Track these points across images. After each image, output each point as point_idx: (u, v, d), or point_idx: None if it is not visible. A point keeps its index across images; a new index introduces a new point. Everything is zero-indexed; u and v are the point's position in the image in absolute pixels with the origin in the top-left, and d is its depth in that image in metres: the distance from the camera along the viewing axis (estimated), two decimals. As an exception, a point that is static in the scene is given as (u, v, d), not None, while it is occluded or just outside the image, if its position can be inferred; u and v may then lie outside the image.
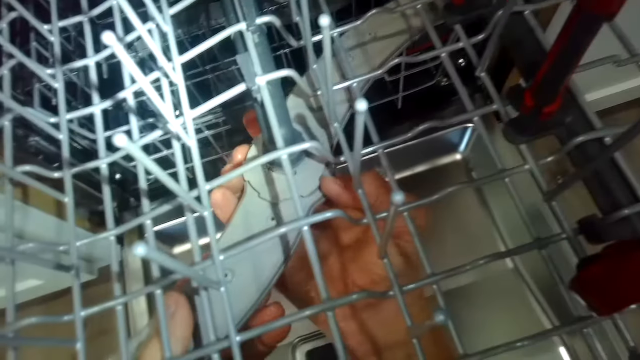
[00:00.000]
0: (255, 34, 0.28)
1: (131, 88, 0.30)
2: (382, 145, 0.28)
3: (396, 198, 0.16)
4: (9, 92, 0.30)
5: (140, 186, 0.26)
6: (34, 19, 0.32)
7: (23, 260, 0.23)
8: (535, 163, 0.26)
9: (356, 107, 0.19)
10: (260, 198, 0.30)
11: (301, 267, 0.33)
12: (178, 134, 0.26)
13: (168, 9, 0.31)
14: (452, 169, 0.68)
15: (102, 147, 0.30)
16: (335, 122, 0.29)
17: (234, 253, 0.24)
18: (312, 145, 0.25)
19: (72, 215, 0.27)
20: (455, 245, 0.63)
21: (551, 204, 0.25)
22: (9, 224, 0.25)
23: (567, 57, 0.19)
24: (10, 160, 0.28)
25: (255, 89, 0.26)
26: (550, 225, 0.58)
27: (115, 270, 0.27)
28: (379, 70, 0.30)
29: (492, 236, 0.66)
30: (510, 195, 0.27)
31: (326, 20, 0.20)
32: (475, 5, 0.29)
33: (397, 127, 0.69)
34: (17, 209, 0.50)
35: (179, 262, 0.18)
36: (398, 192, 0.16)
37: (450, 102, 0.71)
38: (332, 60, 0.29)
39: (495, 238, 0.66)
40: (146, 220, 0.26)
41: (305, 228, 0.23)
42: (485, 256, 0.24)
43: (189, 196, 0.23)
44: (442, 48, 0.30)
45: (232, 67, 0.64)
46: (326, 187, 0.30)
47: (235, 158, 0.31)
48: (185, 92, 0.28)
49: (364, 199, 0.26)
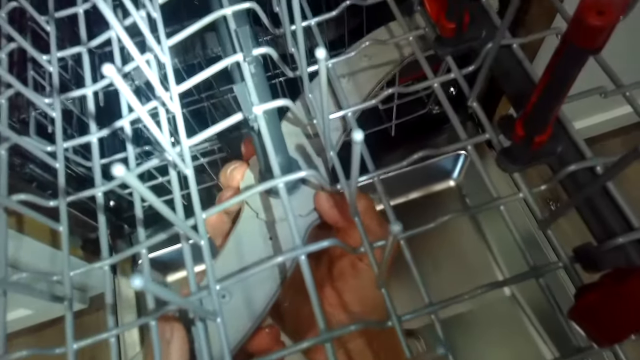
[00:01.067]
0: (252, 64, 0.29)
1: (128, 117, 0.31)
2: (378, 173, 0.28)
3: (395, 228, 0.16)
4: (6, 121, 0.30)
5: (136, 215, 0.26)
6: (33, 50, 0.32)
7: (15, 292, 0.23)
8: (529, 191, 0.26)
9: (353, 138, 0.19)
10: (258, 218, 0.30)
11: (293, 293, 0.33)
12: (175, 162, 0.26)
13: (166, 40, 0.32)
14: (446, 196, 0.69)
15: (98, 175, 0.30)
16: (331, 151, 0.29)
17: (231, 282, 0.24)
18: (309, 174, 0.25)
19: (66, 244, 0.27)
20: (451, 272, 0.63)
21: (546, 232, 0.25)
22: (2, 254, 0.25)
23: (556, 89, 0.20)
24: (5, 188, 0.27)
25: (252, 119, 0.26)
26: (545, 251, 0.59)
27: (109, 301, 0.27)
28: (374, 100, 0.31)
29: (487, 262, 0.66)
30: (505, 223, 0.27)
31: (322, 53, 0.20)
32: (465, 38, 0.30)
33: (391, 153, 0.70)
34: (10, 237, 0.50)
35: (174, 293, 0.18)
36: (396, 222, 0.16)
37: (442, 129, 0.72)
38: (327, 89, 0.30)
39: (490, 263, 0.66)
40: (141, 249, 0.26)
41: (303, 258, 0.23)
42: (483, 285, 0.24)
43: (186, 225, 0.23)
44: (434, 79, 0.31)
45: (227, 95, 0.64)
46: (318, 204, 0.30)
47: (233, 180, 0.31)
48: (182, 120, 0.29)
49: (361, 226, 0.26)
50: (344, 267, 0.33)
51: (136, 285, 0.14)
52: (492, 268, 0.66)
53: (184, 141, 0.28)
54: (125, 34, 0.22)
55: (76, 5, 0.36)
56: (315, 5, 0.34)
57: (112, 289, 0.36)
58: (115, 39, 0.34)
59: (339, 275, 0.32)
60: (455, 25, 0.28)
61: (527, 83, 0.28)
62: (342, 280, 0.32)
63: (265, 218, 0.30)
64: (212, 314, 0.23)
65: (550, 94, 0.20)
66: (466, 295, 0.24)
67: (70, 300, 0.25)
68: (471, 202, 0.69)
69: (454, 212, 0.26)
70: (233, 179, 0.31)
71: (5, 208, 0.26)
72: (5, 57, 0.33)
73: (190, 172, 0.27)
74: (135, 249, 0.26)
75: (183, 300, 0.18)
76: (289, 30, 0.32)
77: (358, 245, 0.26)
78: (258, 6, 0.32)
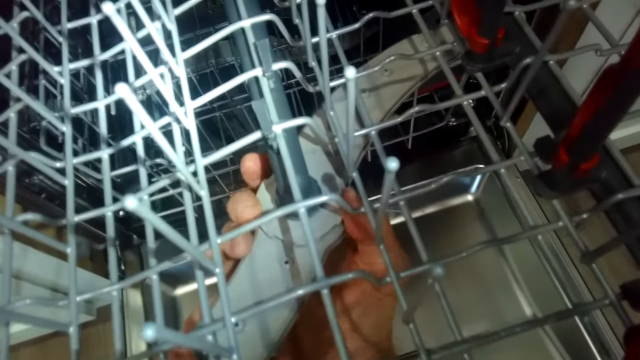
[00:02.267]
0: (271, 79, 0.28)
1: (140, 133, 0.29)
2: (404, 197, 0.26)
3: (437, 271, 0.14)
4: (14, 135, 0.29)
5: (148, 245, 0.25)
6: (44, 62, 0.31)
7: (19, 321, 0.21)
8: (570, 220, 0.24)
9: (387, 166, 0.17)
10: (273, 241, 0.28)
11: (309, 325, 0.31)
12: (189, 183, 0.24)
13: (181, 53, 0.31)
14: (464, 211, 0.67)
15: (108, 195, 0.28)
16: (354, 172, 0.28)
17: (247, 315, 0.22)
18: (332, 199, 0.24)
19: (73, 267, 0.25)
20: (470, 292, 0.61)
21: (591, 266, 0.23)
22: (7, 280, 0.24)
23: (611, 116, 0.18)
24: (12, 209, 0.26)
25: (272, 138, 0.25)
26: (563, 261, 0.57)
27: (116, 325, 0.25)
28: (400, 118, 0.29)
29: (507, 280, 0.63)
30: (539, 255, 0.25)
31: (352, 72, 0.19)
32: (498, 54, 0.28)
33: (407, 166, 0.68)
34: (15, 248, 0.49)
35: (190, 337, 0.16)
36: (437, 265, 0.15)
37: (459, 142, 0.70)
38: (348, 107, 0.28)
39: (509, 281, 0.64)
40: (152, 275, 0.25)
41: (325, 291, 0.21)
42: (522, 324, 0.22)
43: (201, 254, 0.21)
44: (464, 96, 0.29)
45: (240, 105, 0.63)
46: (346, 224, 0.29)
47: (243, 220, 0.29)
48: (197, 136, 0.27)
49: (386, 255, 0.24)
50: (360, 294, 0.31)
51: (149, 336, 0.12)
52: (511, 284, 0.63)
53: (198, 160, 0.26)
54: (140, 50, 0.21)
55: (89, 16, 0.35)
56: (330, 15, 0.33)
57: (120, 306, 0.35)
58: (129, 50, 0.33)
59: (354, 303, 0.31)
60: (488, 41, 0.26)
61: (566, 102, 0.26)
62: (358, 309, 0.30)
63: (281, 240, 0.29)
64: (227, 351, 0.21)
65: (604, 121, 0.18)
66: (503, 333, 0.22)
67: (76, 327, 0.24)
68: (489, 218, 0.66)
69: (484, 243, 0.24)
70: (243, 219, 0.28)
71: (11, 230, 0.25)
72: (15, 69, 0.32)
73: (205, 193, 0.25)
74: (145, 274, 0.25)
75: (199, 341, 0.17)
76: (310, 44, 0.30)
77: (379, 272, 0.25)
78: (278, 18, 0.30)
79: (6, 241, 0.25)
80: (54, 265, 0.53)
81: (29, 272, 0.52)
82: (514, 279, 0.63)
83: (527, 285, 0.62)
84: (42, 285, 0.55)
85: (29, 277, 0.52)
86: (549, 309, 0.60)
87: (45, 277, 0.53)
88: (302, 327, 0.32)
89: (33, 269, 0.51)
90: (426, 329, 0.24)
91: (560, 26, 0.21)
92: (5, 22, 0.30)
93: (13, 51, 0.33)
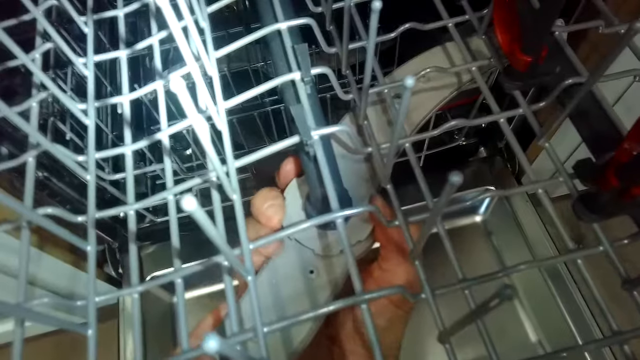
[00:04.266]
0: (309, 84, 0.27)
1: (168, 130, 0.28)
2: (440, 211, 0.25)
3: (507, 292, 0.14)
4: (36, 126, 0.28)
5: (172, 245, 0.24)
6: (71, 52, 0.30)
7: (35, 321, 0.20)
8: (611, 245, 0.23)
9: (450, 180, 0.17)
10: (298, 244, 0.27)
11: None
12: (224, 185, 0.23)
13: (214, 52, 0.30)
14: (471, 231, 0.66)
15: (131, 191, 0.27)
16: (389, 184, 0.27)
17: (278, 327, 0.21)
18: (370, 209, 0.23)
19: (93, 266, 0.24)
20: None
21: (632, 294, 0.22)
22: (23, 276, 0.22)
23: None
24: (31, 199, 0.25)
25: (310, 143, 0.24)
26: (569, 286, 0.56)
27: (137, 330, 0.24)
28: (436, 131, 0.28)
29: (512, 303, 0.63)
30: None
31: (410, 82, 0.18)
32: (537, 73, 0.28)
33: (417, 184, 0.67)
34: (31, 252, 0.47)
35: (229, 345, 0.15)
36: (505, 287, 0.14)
37: (468, 162, 0.70)
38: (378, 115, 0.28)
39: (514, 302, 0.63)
40: (177, 279, 0.23)
41: (364, 307, 0.20)
42: (564, 349, 0.21)
43: (236, 259, 0.20)
44: (501, 113, 0.29)
45: (268, 107, 0.62)
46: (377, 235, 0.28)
47: (270, 221, 0.27)
48: (230, 140, 0.26)
49: (421, 270, 0.24)
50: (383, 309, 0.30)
51: (211, 348, 0.11)
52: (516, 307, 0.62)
53: (230, 163, 0.25)
54: (187, 46, 0.20)
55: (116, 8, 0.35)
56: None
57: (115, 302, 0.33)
58: (157, 45, 0.32)
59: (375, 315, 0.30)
60: (531, 59, 0.26)
61: (609, 126, 0.26)
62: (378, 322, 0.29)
63: (307, 248, 0.28)
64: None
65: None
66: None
67: (94, 328, 0.23)
68: (496, 240, 0.66)
69: (528, 263, 0.23)
70: (270, 219, 0.27)
71: (29, 223, 0.24)
72: (39, 57, 0.31)
73: (237, 197, 0.24)
74: (170, 277, 0.24)
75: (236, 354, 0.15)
76: (347, 50, 0.29)
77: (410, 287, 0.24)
78: (315, 23, 0.30)
79: (24, 235, 0.24)
80: (68, 273, 0.51)
81: (43, 279, 0.50)
82: (519, 302, 0.62)
83: (532, 309, 0.61)
84: (56, 292, 0.53)
85: (43, 284, 0.50)
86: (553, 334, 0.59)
87: (60, 284, 0.51)
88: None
89: (47, 276, 0.50)
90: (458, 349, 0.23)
91: (617, 55, 0.20)
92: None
93: (38, 38, 0.32)
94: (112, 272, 0.62)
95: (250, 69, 0.60)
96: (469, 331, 0.22)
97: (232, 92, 0.60)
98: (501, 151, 0.68)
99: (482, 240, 0.65)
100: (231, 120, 0.60)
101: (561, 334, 0.58)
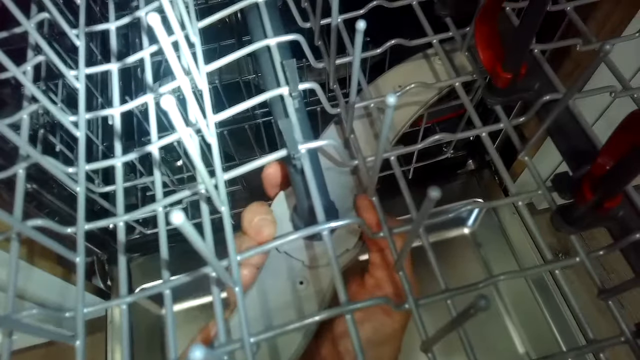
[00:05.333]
0: (297, 99, 0.28)
1: (158, 143, 0.29)
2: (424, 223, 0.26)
3: (481, 303, 0.14)
4: (27, 138, 0.28)
5: (161, 256, 0.24)
6: (62, 65, 0.31)
7: (24, 332, 0.20)
8: (587, 256, 0.24)
9: (429, 194, 0.17)
10: (287, 255, 0.28)
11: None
12: (212, 197, 0.24)
13: (205, 66, 0.31)
14: (459, 243, 0.67)
15: (120, 203, 0.27)
16: (374, 197, 0.28)
17: (265, 337, 0.21)
18: (356, 221, 0.24)
19: (82, 277, 0.24)
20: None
21: (608, 303, 0.23)
22: (12, 286, 0.23)
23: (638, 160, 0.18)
24: (20, 212, 0.25)
25: (297, 157, 0.25)
26: (556, 297, 0.57)
27: (125, 339, 0.24)
28: (419, 145, 0.29)
29: (499, 312, 0.63)
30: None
31: (392, 100, 0.19)
32: (517, 89, 0.29)
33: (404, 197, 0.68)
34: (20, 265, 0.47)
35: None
36: (483, 297, 0.14)
37: (456, 175, 0.71)
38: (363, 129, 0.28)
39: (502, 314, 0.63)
40: (165, 290, 0.24)
41: (349, 317, 0.21)
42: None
43: (224, 271, 0.21)
44: (482, 127, 0.29)
45: (259, 120, 0.63)
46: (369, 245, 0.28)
47: (259, 235, 0.28)
48: (219, 153, 0.27)
49: (406, 281, 0.24)
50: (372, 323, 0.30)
51: (197, 357, 0.12)
52: (504, 318, 0.63)
53: (219, 175, 0.26)
54: (177, 61, 0.21)
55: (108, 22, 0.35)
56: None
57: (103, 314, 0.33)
58: (148, 58, 0.33)
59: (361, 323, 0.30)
60: (511, 76, 0.27)
61: (585, 141, 0.27)
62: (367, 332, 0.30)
63: (294, 259, 0.28)
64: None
65: (632, 165, 0.18)
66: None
67: (83, 339, 0.23)
68: (484, 252, 0.67)
69: (509, 274, 0.24)
70: (260, 234, 0.28)
71: (18, 234, 0.24)
72: (30, 70, 0.31)
73: (225, 209, 0.25)
74: (159, 288, 0.24)
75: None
76: (334, 66, 0.30)
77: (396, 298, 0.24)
78: (303, 39, 0.31)
79: (13, 247, 0.24)
80: (57, 285, 0.51)
81: (32, 292, 0.50)
82: (507, 314, 0.63)
83: (520, 321, 0.62)
84: (45, 305, 0.52)
85: (32, 297, 0.50)
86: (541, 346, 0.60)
87: (48, 297, 0.51)
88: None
89: (36, 289, 0.49)
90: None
91: (591, 72, 0.21)
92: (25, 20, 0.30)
93: (29, 51, 0.32)
94: (101, 284, 0.61)
95: (241, 81, 0.61)
96: (456, 342, 0.23)
97: (223, 104, 0.61)
98: (489, 164, 0.69)
99: (471, 252, 0.66)
100: (222, 131, 0.60)
101: (549, 345, 0.59)
